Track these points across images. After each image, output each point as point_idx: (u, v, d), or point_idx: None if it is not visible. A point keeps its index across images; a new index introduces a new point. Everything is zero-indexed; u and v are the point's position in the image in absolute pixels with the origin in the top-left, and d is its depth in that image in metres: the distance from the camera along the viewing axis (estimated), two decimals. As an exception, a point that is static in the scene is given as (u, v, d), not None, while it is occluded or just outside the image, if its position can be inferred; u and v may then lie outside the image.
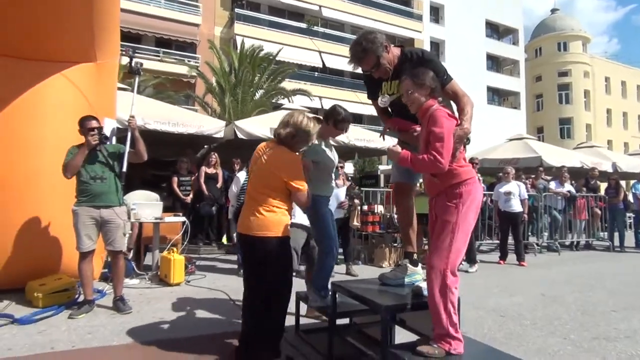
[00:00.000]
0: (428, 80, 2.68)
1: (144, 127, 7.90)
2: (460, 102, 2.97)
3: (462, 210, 2.53)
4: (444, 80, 2.97)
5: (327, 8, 29.97)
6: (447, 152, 2.49)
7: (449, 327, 2.47)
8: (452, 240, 2.51)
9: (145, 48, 24.60)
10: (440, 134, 2.51)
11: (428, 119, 2.60)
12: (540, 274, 7.19)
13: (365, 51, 3.00)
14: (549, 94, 42.64)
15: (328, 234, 3.51)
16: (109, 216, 4.38)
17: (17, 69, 4.80)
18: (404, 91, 2.75)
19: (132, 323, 4.02)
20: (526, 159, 12.71)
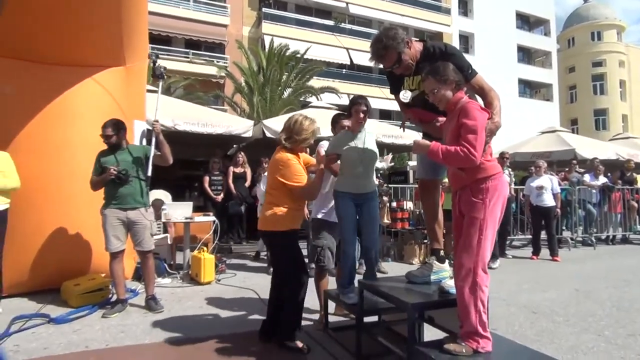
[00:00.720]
0: (450, 73, 2.63)
1: (173, 128, 8.08)
2: (487, 96, 2.92)
3: (489, 206, 2.49)
4: (468, 74, 2.92)
5: (354, 5, 29.83)
6: (480, 145, 2.46)
7: (477, 326, 2.44)
8: (480, 237, 2.47)
9: (174, 50, 25.15)
10: (474, 127, 2.47)
11: (459, 112, 2.56)
12: (574, 269, 6.99)
13: (387, 48, 2.97)
14: (583, 85, 41.35)
15: (342, 233, 3.57)
16: (135, 217, 4.48)
17: (49, 75, 4.99)
18: (428, 91, 2.71)
19: (164, 322, 4.12)
20: (559, 152, 12.39)
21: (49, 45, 4.89)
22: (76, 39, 4.82)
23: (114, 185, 4.41)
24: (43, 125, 4.88)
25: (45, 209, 4.81)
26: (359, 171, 3.48)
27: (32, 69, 4.95)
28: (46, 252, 4.82)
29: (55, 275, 4.86)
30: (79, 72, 5.08)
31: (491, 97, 2.90)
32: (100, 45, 4.91)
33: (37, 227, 4.79)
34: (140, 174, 4.60)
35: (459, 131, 2.54)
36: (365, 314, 3.27)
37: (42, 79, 4.94)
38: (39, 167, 4.79)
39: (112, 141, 4.49)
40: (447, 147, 2.50)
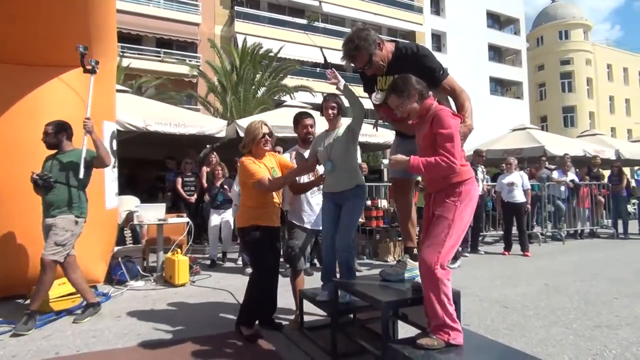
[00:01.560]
0: (412, 86, 2.65)
1: (145, 129, 7.95)
2: (459, 97, 2.95)
3: (460, 209, 2.57)
4: (440, 75, 2.97)
5: (327, 3, 29.83)
6: (458, 152, 2.52)
7: (444, 318, 2.49)
8: (446, 235, 2.54)
9: (145, 49, 24.69)
10: (449, 134, 2.52)
11: (431, 120, 2.60)
12: (544, 264, 7.18)
13: (358, 49, 2.97)
14: (552, 82, 42.35)
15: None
16: (51, 224, 4.17)
17: (14, 74, 4.84)
18: (394, 108, 2.74)
19: (138, 325, 4.06)
20: (529, 149, 12.71)
21: (13, 45, 4.74)
22: (41, 38, 4.68)
23: (43, 191, 4.19)
24: (9, 125, 4.73)
25: (12, 211, 4.66)
26: (328, 169, 3.48)
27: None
28: (13, 256, 4.66)
29: (23, 280, 4.71)
30: (45, 72, 4.93)
31: (462, 99, 2.94)
32: (67, 44, 4.77)
33: (4, 230, 4.65)
34: (72, 180, 4.25)
35: (432, 138, 2.59)
36: (339, 312, 3.28)
37: (6, 80, 4.79)
38: (5, 169, 4.65)
39: (47, 140, 4.29)
40: (427, 160, 2.54)
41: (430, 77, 2.90)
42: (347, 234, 3.41)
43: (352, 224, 3.45)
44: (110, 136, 5.55)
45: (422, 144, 2.71)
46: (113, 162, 5.63)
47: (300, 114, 4.21)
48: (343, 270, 3.40)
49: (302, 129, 4.08)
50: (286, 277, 5.40)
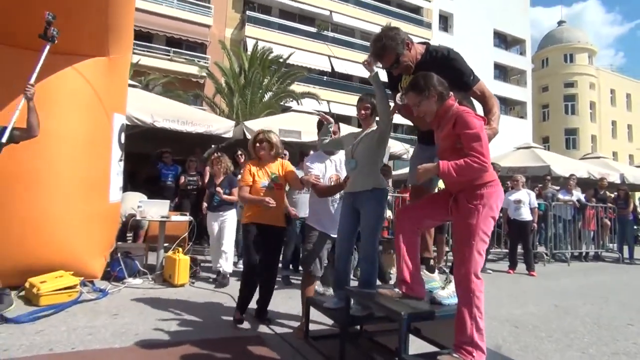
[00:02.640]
0: (432, 85, 2.58)
1: (152, 125, 7.84)
2: (488, 102, 2.88)
3: (482, 212, 2.46)
4: (470, 81, 2.89)
5: (337, 13, 29.99)
6: (487, 151, 2.44)
7: (473, 334, 2.36)
8: (472, 242, 2.44)
9: (155, 47, 24.69)
10: (476, 134, 2.44)
11: (454, 122, 2.51)
12: (550, 284, 7.05)
13: (385, 48, 2.91)
14: (555, 104, 42.44)
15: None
16: None
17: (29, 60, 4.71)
18: (411, 105, 2.67)
19: (135, 324, 3.91)
20: (534, 168, 12.61)
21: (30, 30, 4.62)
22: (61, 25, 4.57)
23: None
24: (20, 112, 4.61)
25: (15, 201, 4.52)
26: (351, 167, 3.39)
27: (12, 54, 4.67)
28: (12, 246, 4.50)
29: (19, 271, 4.55)
30: (59, 60, 4.78)
31: (491, 104, 2.87)
32: (85, 32, 4.68)
33: (6, 219, 4.49)
34: None
35: (454, 139, 2.50)
36: (349, 322, 3.14)
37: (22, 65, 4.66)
38: (10, 157, 4.50)
39: None
40: (456, 163, 2.43)
41: (460, 81, 2.84)
42: (366, 241, 3.26)
43: (371, 230, 3.28)
44: (119, 129, 5.44)
45: (442, 145, 2.64)
46: (120, 156, 5.52)
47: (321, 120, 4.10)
48: (361, 282, 3.26)
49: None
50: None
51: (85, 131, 4.78)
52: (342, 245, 3.45)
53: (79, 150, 4.78)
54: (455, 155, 2.49)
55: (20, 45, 4.69)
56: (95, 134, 4.97)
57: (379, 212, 3.37)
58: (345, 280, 3.44)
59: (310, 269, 3.81)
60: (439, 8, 35.22)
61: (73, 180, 4.68)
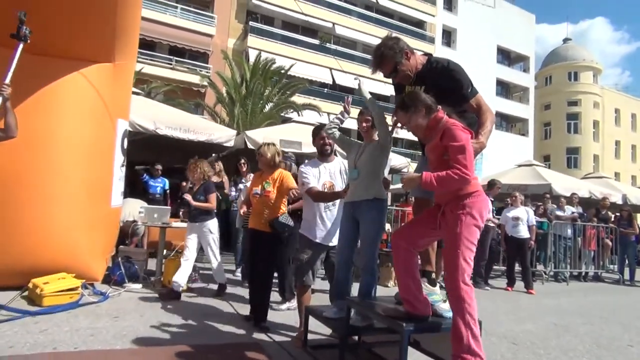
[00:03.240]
0: (418, 102, 2.67)
1: (154, 132, 7.89)
2: (483, 116, 2.93)
3: (465, 221, 2.52)
4: (468, 93, 2.94)
5: (340, 26, 30.19)
6: (470, 164, 2.51)
7: (469, 341, 2.39)
8: (457, 251, 2.49)
9: (158, 55, 24.85)
10: (461, 146, 2.51)
11: (442, 134, 2.59)
12: (549, 303, 7.02)
13: (383, 57, 3.01)
14: (558, 122, 42.46)
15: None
16: None
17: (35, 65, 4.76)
18: (402, 124, 2.79)
19: (135, 327, 3.92)
20: (535, 186, 12.61)
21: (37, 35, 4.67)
22: (68, 31, 4.63)
23: None
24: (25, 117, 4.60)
25: (20, 203, 4.54)
26: (353, 177, 3.42)
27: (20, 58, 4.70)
28: (16, 248, 4.53)
29: (23, 272, 4.57)
30: (66, 65, 4.86)
31: (485, 118, 2.91)
32: (92, 38, 4.73)
33: (11, 220, 4.52)
34: None
35: (441, 151, 2.59)
36: (349, 332, 3.13)
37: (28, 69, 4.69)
38: (15, 160, 4.54)
39: None
40: (438, 175, 2.50)
41: (459, 92, 2.90)
42: (366, 251, 3.29)
43: (370, 241, 3.31)
44: (122, 134, 5.48)
45: (431, 157, 2.73)
46: (122, 161, 5.55)
47: (318, 126, 4.21)
48: (361, 293, 3.26)
49: (319, 141, 4.04)
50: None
51: (89, 135, 4.82)
52: (342, 254, 3.47)
53: (83, 154, 4.81)
54: (442, 166, 2.55)
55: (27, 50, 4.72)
56: (99, 139, 5.01)
57: (379, 222, 3.38)
58: (345, 289, 3.45)
59: (303, 279, 3.83)
60: (442, 23, 35.46)
61: (76, 183, 4.71)
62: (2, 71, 4.57)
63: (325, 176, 3.97)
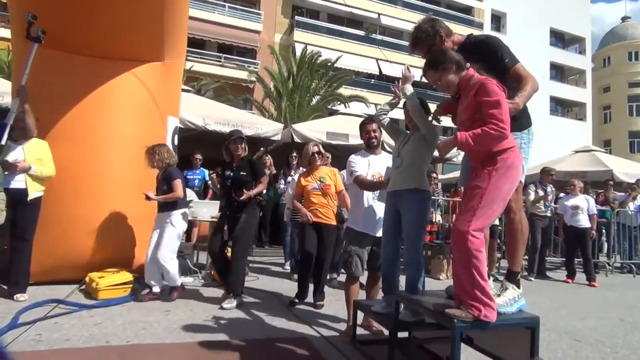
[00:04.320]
0: (446, 58, 2.64)
1: (204, 128, 8.05)
2: (523, 81, 2.80)
3: (495, 177, 2.44)
4: (506, 62, 2.83)
5: (386, 16, 29.82)
6: (507, 118, 2.40)
7: (476, 291, 2.35)
8: (478, 203, 2.42)
9: (207, 53, 25.45)
10: (496, 101, 2.41)
11: (476, 90, 2.51)
12: (614, 296, 6.60)
13: (416, 39, 3.09)
14: (618, 105, 40.13)
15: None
16: None
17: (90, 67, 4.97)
18: (433, 83, 2.72)
19: (185, 321, 3.99)
20: (595, 172, 11.91)
21: (91, 38, 4.88)
22: (119, 33, 4.80)
23: None
24: (81, 116, 4.88)
25: (76, 200, 4.76)
26: (396, 165, 3.34)
27: (75, 61, 4.94)
28: (74, 243, 4.75)
29: (81, 267, 4.80)
30: (118, 66, 5.05)
31: (525, 82, 2.78)
32: (142, 39, 4.87)
33: (67, 217, 4.73)
34: None
35: (475, 109, 2.50)
36: (399, 328, 3.05)
37: (84, 71, 4.93)
38: (73, 158, 4.76)
39: None
40: (474, 133, 2.41)
41: (498, 63, 2.81)
42: (410, 244, 3.20)
43: (414, 232, 3.19)
44: (172, 131, 5.61)
45: (463, 117, 2.64)
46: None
47: (364, 120, 4.23)
48: (407, 287, 3.17)
49: (365, 134, 4.10)
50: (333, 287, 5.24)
51: (141, 133, 4.96)
52: (387, 246, 3.38)
53: (135, 151, 4.95)
54: (474, 126, 2.46)
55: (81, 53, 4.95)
56: (150, 136, 5.14)
57: (421, 212, 3.26)
58: (393, 283, 3.36)
59: (351, 270, 3.80)
60: (491, 7, 34.26)
61: (129, 180, 4.87)
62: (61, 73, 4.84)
63: (375, 167, 3.95)
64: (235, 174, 4.72)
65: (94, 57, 4.96)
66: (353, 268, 3.79)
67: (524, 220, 2.85)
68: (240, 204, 4.67)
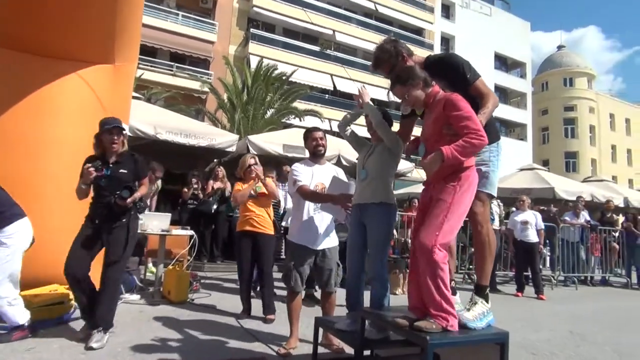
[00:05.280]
0: (414, 75, 2.69)
1: (155, 137, 7.71)
2: (485, 98, 2.87)
3: (459, 193, 2.51)
4: (469, 76, 2.89)
5: (340, 33, 30.18)
6: (480, 126, 2.49)
7: (442, 303, 2.39)
8: (444, 218, 2.47)
9: (159, 62, 24.72)
10: (467, 113, 2.50)
11: (444, 105, 2.57)
12: (562, 309, 6.81)
13: (378, 59, 3.12)
14: (555, 127, 42.50)
15: None
16: None
17: (30, 65, 4.58)
18: (400, 98, 2.74)
19: (131, 343, 3.67)
20: (539, 190, 12.46)
21: (34, 34, 4.49)
22: (65, 30, 4.44)
23: None
24: (17, 119, 4.43)
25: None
26: (361, 178, 3.27)
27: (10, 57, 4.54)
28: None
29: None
30: (62, 65, 4.65)
31: (486, 100, 2.85)
32: (91, 38, 4.54)
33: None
34: None
35: (442, 122, 2.58)
36: (365, 346, 2.93)
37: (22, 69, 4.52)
38: (7, 163, 4.32)
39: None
40: (457, 145, 2.44)
41: (461, 77, 2.88)
42: (374, 258, 3.14)
43: (378, 247, 3.13)
44: (121, 139, 5.27)
45: (429, 131, 2.71)
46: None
47: (309, 128, 4.14)
48: (372, 303, 3.07)
49: (311, 142, 3.95)
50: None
51: (85, 139, 4.59)
52: (352, 261, 3.29)
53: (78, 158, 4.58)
54: (441, 141, 2.52)
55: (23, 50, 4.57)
56: (96, 142, 4.81)
57: (387, 227, 3.21)
58: (358, 299, 3.26)
59: (290, 285, 3.69)
60: (440, 30, 35.57)
61: (70, 189, 4.48)
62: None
63: (318, 177, 3.82)
64: (113, 171, 3.82)
65: (34, 54, 4.58)
66: (292, 283, 3.68)
67: (491, 233, 2.84)
68: (119, 212, 3.78)
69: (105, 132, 3.82)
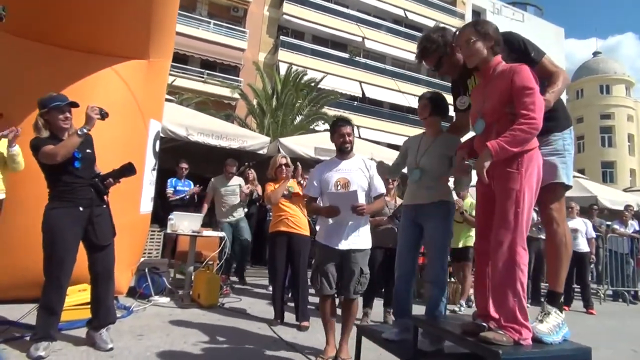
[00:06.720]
0: (492, 30, 2.40)
1: (186, 139, 7.61)
2: (554, 75, 2.53)
3: (526, 176, 2.20)
4: (535, 56, 2.56)
5: (370, 40, 30.04)
6: (540, 108, 2.18)
7: (516, 311, 2.13)
8: (517, 210, 2.17)
9: (190, 69, 25.03)
10: (531, 90, 2.19)
11: (506, 74, 2.28)
12: (616, 325, 6.31)
13: (426, 50, 2.88)
14: (591, 136, 41.09)
15: None
16: None
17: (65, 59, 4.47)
18: (463, 41, 2.42)
19: (160, 347, 3.48)
20: (580, 198, 11.82)
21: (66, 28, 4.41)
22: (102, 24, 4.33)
23: None
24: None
25: (38, 206, 4.12)
26: (415, 179, 3.00)
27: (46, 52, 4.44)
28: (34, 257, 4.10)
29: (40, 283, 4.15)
30: (98, 60, 4.54)
31: (556, 77, 2.51)
32: (126, 33, 4.43)
33: (25, 225, 4.07)
34: None
35: (508, 98, 2.26)
36: (418, 358, 2.63)
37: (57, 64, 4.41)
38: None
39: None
40: (506, 138, 2.15)
41: (526, 57, 2.53)
42: (434, 262, 2.87)
43: (439, 248, 2.89)
44: (154, 136, 5.15)
45: (487, 105, 2.35)
46: (153, 165, 5.22)
47: (335, 121, 3.79)
48: (428, 309, 2.79)
49: (338, 138, 3.60)
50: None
51: (120, 135, 4.47)
52: (403, 265, 3.01)
53: (113, 154, 4.45)
54: (502, 120, 2.27)
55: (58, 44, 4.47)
56: (130, 139, 4.67)
57: (446, 228, 2.95)
58: (407, 305, 2.97)
59: (316, 287, 3.44)
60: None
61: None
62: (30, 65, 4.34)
63: (342, 173, 3.51)
64: (81, 152, 3.43)
65: (68, 49, 4.47)
66: (318, 285, 3.43)
67: (567, 233, 2.49)
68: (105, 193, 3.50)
69: (55, 110, 3.38)
